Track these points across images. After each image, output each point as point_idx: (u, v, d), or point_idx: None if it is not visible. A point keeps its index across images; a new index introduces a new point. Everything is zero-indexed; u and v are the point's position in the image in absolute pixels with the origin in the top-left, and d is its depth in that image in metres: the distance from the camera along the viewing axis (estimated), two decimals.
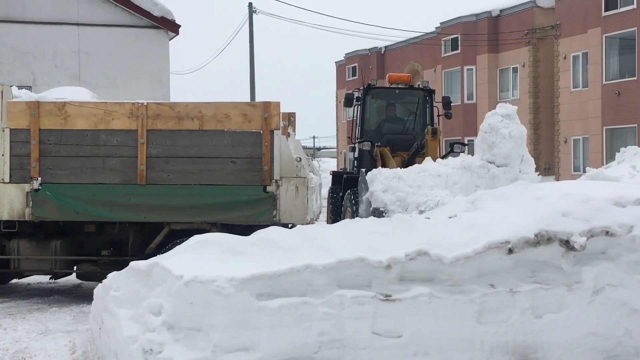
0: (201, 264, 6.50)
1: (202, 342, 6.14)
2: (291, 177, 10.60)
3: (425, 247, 6.76)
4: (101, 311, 7.15)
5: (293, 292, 6.41)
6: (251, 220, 10.54)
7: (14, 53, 21.79)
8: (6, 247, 11.04)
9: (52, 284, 12.61)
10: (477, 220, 7.37)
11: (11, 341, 8.49)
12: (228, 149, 10.62)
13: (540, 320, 6.83)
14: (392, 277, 6.65)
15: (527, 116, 37.20)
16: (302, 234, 7.18)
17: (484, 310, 6.71)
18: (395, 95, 18.47)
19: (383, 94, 18.66)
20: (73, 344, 8.22)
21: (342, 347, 6.38)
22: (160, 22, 22.71)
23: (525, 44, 37.34)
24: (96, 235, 11.39)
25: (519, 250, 6.94)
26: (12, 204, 10.72)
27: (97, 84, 21.58)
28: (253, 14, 40.43)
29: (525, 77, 37.49)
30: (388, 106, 18.51)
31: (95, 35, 22.40)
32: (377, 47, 50.72)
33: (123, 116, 10.66)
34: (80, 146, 10.70)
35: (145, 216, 10.76)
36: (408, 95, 18.48)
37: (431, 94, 18.17)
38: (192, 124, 10.63)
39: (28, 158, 10.69)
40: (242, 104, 10.79)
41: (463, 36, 39.99)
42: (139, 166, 10.63)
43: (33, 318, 9.87)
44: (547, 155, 37.13)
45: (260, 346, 6.16)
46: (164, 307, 6.27)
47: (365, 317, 6.44)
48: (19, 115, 10.67)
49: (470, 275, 6.85)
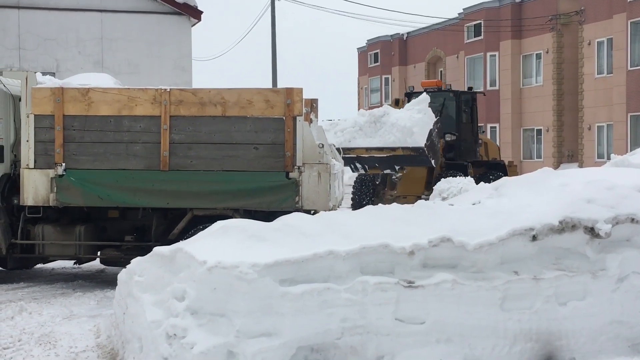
0: (224, 250, 6.51)
1: (225, 328, 6.16)
2: (314, 163, 10.59)
3: (448, 234, 6.74)
4: (125, 296, 7.20)
5: (316, 278, 6.42)
6: (274, 207, 10.55)
7: (38, 40, 21.90)
8: (31, 232, 11.13)
9: (76, 269, 12.71)
10: (501, 207, 7.34)
11: (36, 325, 8.57)
12: (251, 135, 10.62)
13: (564, 308, 6.81)
14: (415, 263, 6.64)
15: (550, 103, 36.94)
16: (325, 220, 7.18)
17: (507, 297, 6.69)
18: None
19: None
20: (97, 329, 8.28)
21: (364, 333, 6.38)
22: (182, 8, 22.73)
23: (549, 29, 37.02)
24: (120, 220, 11.45)
25: (543, 237, 6.90)
26: (36, 189, 10.80)
27: (120, 70, 21.66)
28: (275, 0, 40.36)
29: (549, 64, 37.18)
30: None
31: (118, 22, 22.47)
32: (399, 34, 50.48)
33: (146, 102, 10.69)
34: (104, 132, 10.75)
35: (168, 202, 10.79)
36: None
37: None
38: (215, 110, 10.64)
39: (52, 144, 10.75)
40: (264, 90, 10.79)
41: (486, 22, 39.70)
42: (162, 152, 10.66)
43: (58, 302, 9.95)
44: (571, 142, 36.88)
45: (283, 332, 6.17)
46: (188, 292, 6.30)
47: (388, 304, 6.44)
48: (43, 101, 10.73)
49: (494, 262, 6.83)
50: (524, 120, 38.86)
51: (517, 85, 38.94)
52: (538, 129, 38.07)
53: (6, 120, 11.18)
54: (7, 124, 11.19)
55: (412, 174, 17.78)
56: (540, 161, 36.60)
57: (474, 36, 41.11)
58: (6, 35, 21.65)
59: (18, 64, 21.48)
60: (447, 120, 19.42)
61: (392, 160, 15.93)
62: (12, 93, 11.26)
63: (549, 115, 37.15)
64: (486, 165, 20.24)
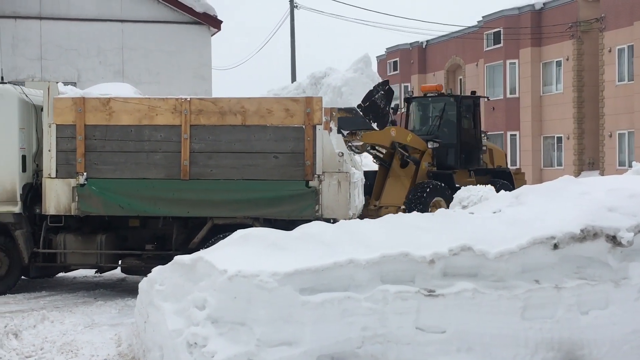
0: (245, 259, 6.52)
1: (246, 336, 6.17)
2: (333, 172, 10.60)
3: (469, 242, 6.72)
4: (146, 305, 7.22)
5: (336, 287, 6.41)
6: (293, 215, 10.56)
7: (59, 50, 22.08)
8: (53, 241, 11.21)
9: (98, 278, 12.78)
10: (522, 215, 7.31)
11: (58, 334, 8.62)
12: (271, 144, 10.65)
13: (586, 317, 6.76)
14: (435, 272, 6.63)
15: (570, 110, 36.72)
16: (345, 229, 7.18)
17: (528, 306, 6.65)
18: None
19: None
20: (118, 337, 8.31)
21: (385, 342, 6.37)
22: (202, 17, 22.85)
23: (569, 37, 36.84)
24: (140, 229, 11.51)
25: (564, 246, 6.86)
26: (58, 198, 10.88)
27: (140, 79, 21.78)
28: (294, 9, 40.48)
29: (569, 71, 36.99)
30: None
31: (138, 32, 22.62)
32: (419, 42, 50.43)
33: (167, 112, 10.75)
34: (125, 141, 10.81)
35: (188, 211, 10.84)
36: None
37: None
38: (235, 119, 10.68)
39: (74, 153, 10.83)
40: (284, 99, 10.84)
41: (506, 30, 39.56)
42: (183, 161, 10.71)
43: (79, 311, 10.01)
44: (592, 150, 36.63)
45: (303, 341, 6.17)
46: (208, 301, 6.31)
47: (408, 312, 6.42)
48: (65, 111, 10.81)
49: (515, 270, 6.80)
50: (544, 128, 38.67)
51: (537, 93, 38.74)
52: (558, 137, 37.85)
53: (28, 130, 11.27)
54: (29, 134, 11.28)
55: (396, 183, 17.15)
56: (560, 169, 36.38)
57: (494, 44, 40.98)
58: (28, 46, 21.83)
59: (40, 75, 21.66)
60: (448, 126, 18.86)
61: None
62: (34, 103, 11.35)
63: (569, 122, 36.94)
64: (492, 173, 19.46)
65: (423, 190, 16.11)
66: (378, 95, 14.44)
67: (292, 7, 40.38)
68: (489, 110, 40.91)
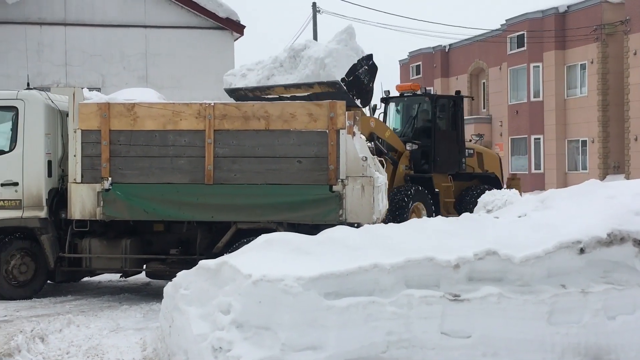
0: (269, 263, 6.53)
1: (271, 341, 6.17)
2: (357, 176, 10.58)
3: (494, 247, 6.69)
4: (171, 309, 7.25)
5: (361, 292, 6.41)
6: (317, 220, 10.56)
7: (84, 56, 22.28)
8: (78, 245, 11.27)
9: (123, 282, 12.84)
10: (547, 220, 7.27)
11: (84, 338, 8.67)
12: (294, 148, 10.65)
13: (613, 322, 6.70)
14: (460, 276, 6.60)
15: (595, 114, 36.48)
16: (369, 233, 7.18)
17: (554, 311, 6.61)
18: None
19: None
20: (144, 341, 8.35)
21: (410, 346, 6.35)
22: (225, 23, 22.97)
23: (593, 40, 36.61)
24: (165, 234, 11.55)
25: (590, 250, 6.82)
26: (83, 203, 10.94)
27: (164, 84, 21.91)
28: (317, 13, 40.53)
29: (594, 74, 36.75)
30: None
31: (161, 37, 22.78)
32: (441, 45, 50.32)
33: (191, 117, 10.78)
34: (149, 146, 10.86)
35: (212, 215, 10.86)
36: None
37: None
38: (259, 123, 10.70)
39: (99, 158, 10.89)
40: (308, 104, 10.81)
41: (529, 33, 39.38)
42: (207, 166, 10.74)
43: (104, 315, 10.06)
44: (617, 154, 36.35)
45: (328, 345, 6.16)
46: (233, 305, 6.33)
47: (433, 317, 6.40)
48: (90, 116, 10.88)
49: (541, 275, 6.76)
50: (569, 132, 38.42)
51: (561, 97, 38.52)
52: (583, 140, 37.61)
53: (54, 136, 11.36)
54: (55, 139, 11.37)
55: None
56: (585, 173, 36.15)
57: (517, 47, 40.80)
58: (53, 52, 22.05)
59: (65, 80, 21.86)
60: (423, 127, 17.85)
61: (313, 99, 12.85)
62: (60, 109, 11.44)
63: (594, 126, 36.68)
64: (478, 178, 18.49)
65: (404, 194, 15.59)
66: (362, 70, 13.55)
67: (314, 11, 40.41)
68: (512, 114, 40.74)
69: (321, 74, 12.83)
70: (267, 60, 14.07)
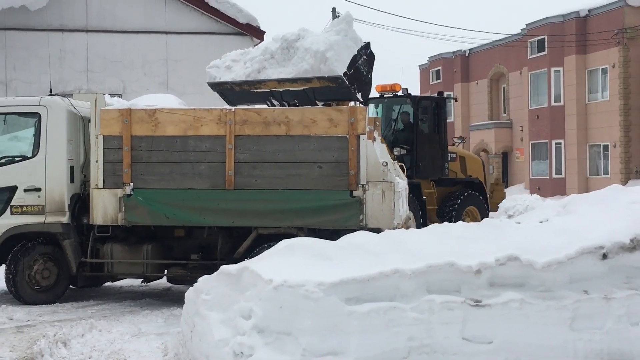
0: (290, 269, 6.55)
1: (292, 346, 6.18)
2: (377, 181, 10.57)
3: (515, 252, 6.67)
4: (192, 314, 7.28)
5: (382, 297, 6.41)
6: (338, 225, 10.55)
7: (105, 62, 22.43)
8: (100, 250, 11.33)
9: (144, 287, 12.89)
10: (569, 225, 7.23)
11: (106, 342, 8.71)
12: (314, 153, 10.66)
13: (636, 328, 6.66)
14: (482, 282, 6.59)
15: (617, 118, 36.23)
16: (390, 239, 7.17)
17: (577, 317, 6.58)
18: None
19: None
20: (165, 346, 8.37)
21: (431, 352, 6.34)
22: (245, 28, 23.05)
23: (615, 44, 36.39)
24: (186, 239, 11.59)
25: (613, 256, 6.78)
26: (105, 209, 11.00)
27: (185, 90, 22.00)
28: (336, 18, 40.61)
29: (615, 78, 36.51)
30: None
31: (182, 43, 22.89)
32: (462, 50, 50.19)
33: (211, 122, 10.82)
34: (170, 152, 10.90)
35: (233, 221, 10.89)
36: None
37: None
38: (279, 129, 10.71)
39: (120, 164, 10.95)
40: (328, 109, 10.82)
41: (550, 37, 39.21)
42: (227, 171, 10.77)
43: (126, 320, 10.11)
44: (639, 158, 36.10)
45: (349, 351, 6.17)
46: (254, 311, 6.34)
47: (455, 323, 6.39)
48: (111, 122, 10.95)
49: (563, 281, 6.73)
50: (590, 136, 38.20)
51: (582, 101, 38.31)
52: (605, 145, 37.37)
53: (76, 142, 11.44)
54: (77, 145, 11.45)
55: None
56: (607, 178, 35.89)
57: (538, 52, 40.61)
58: (75, 58, 22.22)
59: (86, 86, 22.01)
60: (404, 130, 17.13)
61: (309, 94, 12.47)
62: (82, 115, 11.52)
63: (615, 130, 36.44)
64: (461, 183, 17.77)
65: None
66: (361, 61, 12.49)
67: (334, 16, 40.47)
68: (533, 118, 40.55)
69: (322, 69, 11.89)
70: (256, 52, 12.94)
